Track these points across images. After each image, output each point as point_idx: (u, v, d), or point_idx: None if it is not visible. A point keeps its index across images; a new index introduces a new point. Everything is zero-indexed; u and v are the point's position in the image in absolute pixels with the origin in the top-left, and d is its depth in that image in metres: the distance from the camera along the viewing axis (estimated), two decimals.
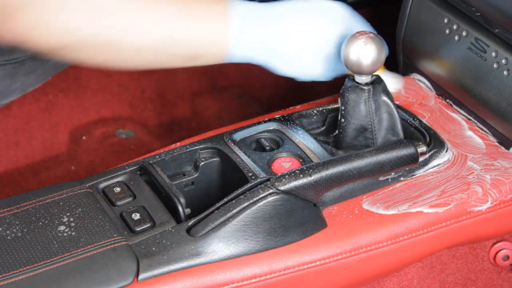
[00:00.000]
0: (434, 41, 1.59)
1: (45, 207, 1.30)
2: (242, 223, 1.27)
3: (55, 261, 1.21)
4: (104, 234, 1.25)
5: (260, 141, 1.42)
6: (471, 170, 1.42)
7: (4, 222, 1.27)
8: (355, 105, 1.40)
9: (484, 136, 1.50)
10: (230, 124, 1.51)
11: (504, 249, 1.48)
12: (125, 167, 1.38)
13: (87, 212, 1.29)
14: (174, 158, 1.39)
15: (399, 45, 1.68)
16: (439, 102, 1.59)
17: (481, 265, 1.49)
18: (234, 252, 1.27)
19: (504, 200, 1.39)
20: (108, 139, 2.05)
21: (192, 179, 1.40)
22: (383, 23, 1.39)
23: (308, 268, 1.30)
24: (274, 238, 1.29)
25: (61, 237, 1.25)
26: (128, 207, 1.31)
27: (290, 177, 1.29)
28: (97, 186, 1.35)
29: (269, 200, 1.28)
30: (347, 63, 1.38)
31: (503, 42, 1.46)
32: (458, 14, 1.55)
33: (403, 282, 1.45)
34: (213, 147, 1.40)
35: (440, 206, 1.36)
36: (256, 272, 1.27)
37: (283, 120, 1.46)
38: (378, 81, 1.40)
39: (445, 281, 1.47)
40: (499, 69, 1.46)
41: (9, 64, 1.62)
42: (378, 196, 1.37)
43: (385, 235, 1.33)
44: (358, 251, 1.32)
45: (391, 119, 1.41)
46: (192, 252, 1.25)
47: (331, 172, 1.31)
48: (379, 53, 1.37)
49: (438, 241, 1.38)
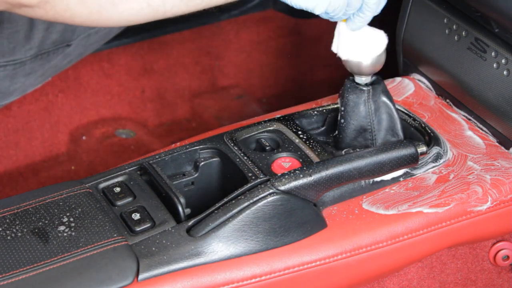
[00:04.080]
0: (434, 41, 1.59)
1: (45, 207, 1.30)
2: (242, 223, 1.27)
3: (55, 261, 1.21)
4: (104, 234, 1.25)
5: (260, 141, 1.42)
6: (471, 170, 1.42)
7: (4, 222, 1.27)
8: (354, 105, 1.40)
9: (484, 136, 1.50)
10: (230, 124, 1.51)
11: (504, 249, 1.48)
12: (125, 167, 1.38)
13: (87, 212, 1.29)
14: (174, 158, 1.39)
15: (399, 45, 1.68)
16: (439, 102, 1.59)
17: (481, 265, 1.49)
18: (234, 252, 1.27)
19: (504, 200, 1.40)
20: (108, 139, 2.05)
21: (192, 179, 1.40)
22: (383, 23, 1.39)
23: (308, 268, 1.30)
24: (274, 238, 1.29)
25: (61, 237, 1.25)
26: (128, 207, 1.31)
27: (290, 177, 1.29)
28: (97, 186, 1.35)
29: (269, 200, 1.28)
30: (347, 64, 1.38)
31: (503, 42, 1.46)
32: (458, 14, 1.55)
33: (403, 282, 1.45)
34: (213, 147, 1.40)
35: (440, 206, 1.36)
36: (256, 272, 1.27)
37: (283, 120, 1.46)
38: (377, 82, 1.40)
39: (445, 281, 1.47)
40: (499, 69, 1.46)
41: (9, 65, 1.62)
42: (378, 196, 1.37)
43: (385, 235, 1.34)
44: (358, 251, 1.32)
45: (390, 120, 1.41)
46: (192, 252, 1.25)
47: (331, 172, 1.31)
48: (380, 54, 1.37)
49: (438, 241, 1.38)
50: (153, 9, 1.20)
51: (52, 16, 1.20)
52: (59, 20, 1.21)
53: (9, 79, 1.64)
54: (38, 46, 1.63)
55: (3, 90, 1.66)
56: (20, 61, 1.63)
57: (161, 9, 1.21)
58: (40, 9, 1.18)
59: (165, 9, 1.21)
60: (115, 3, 1.18)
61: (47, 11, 1.19)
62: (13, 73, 1.63)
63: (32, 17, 1.21)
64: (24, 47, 1.61)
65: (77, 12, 1.18)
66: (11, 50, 1.60)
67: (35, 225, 1.27)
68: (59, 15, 1.20)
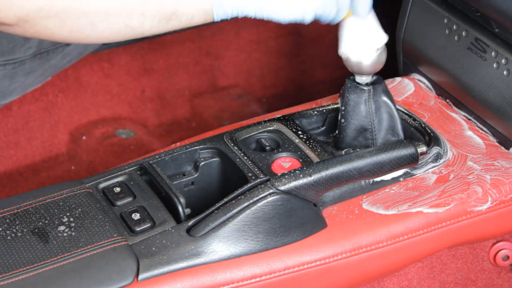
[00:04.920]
0: (434, 41, 1.59)
1: (45, 207, 1.30)
2: (242, 223, 1.27)
3: (55, 261, 1.21)
4: (104, 234, 1.25)
5: (260, 141, 1.42)
6: (471, 170, 1.42)
7: (4, 222, 1.27)
8: (355, 105, 1.40)
9: (484, 136, 1.50)
10: (230, 124, 1.51)
11: (504, 249, 1.48)
12: (125, 167, 1.38)
13: (87, 212, 1.29)
14: (174, 158, 1.39)
15: (399, 45, 1.68)
16: (439, 102, 1.59)
17: (481, 265, 1.49)
18: (234, 252, 1.27)
19: (504, 200, 1.39)
20: (108, 139, 2.05)
21: (192, 179, 1.40)
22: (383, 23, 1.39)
23: (308, 268, 1.30)
24: (274, 238, 1.29)
25: (61, 237, 1.25)
26: (128, 207, 1.31)
27: (290, 177, 1.29)
28: (97, 186, 1.35)
29: (269, 200, 1.28)
30: (348, 63, 1.38)
31: (503, 42, 1.46)
32: (458, 14, 1.55)
33: (403, 282, 1.45)
34: (213, 147, 1.40)
35: (440, 206, 1.36)
36: (256, 272, 1.27)
37: (283, 120, 1.46)
38: (378, 81, 1.40)
39: (445, 281, 1.47)
40: (499, 69, 1.46)
41: (9, 64, 1.62)
42: (378, 196, 1.37)
43: (385, 235, 1.33)
44: (358, 251, 1.32)
45: (391, 120, 1.41)
46: (192, 252, 1.25)
47: (331, 172, 1.31)
48: (380, 54, 1.37)
49: (438, 241, 1.38)
50: (131, 29, 1.22)
51: (32, 34, 1.22)
52: (39, 37, 1.24)
53: (9, 78, 1.64)
54: (38, 45, 1.63)
55: (3, 90, 1.66)
56: (19, 60, 1.63)
57: (139, 30, 1.23)
58: (20, 27, 1.20)
59: (143, 30, 1.23)
60: (94, 23, 1.20)
61: (26, 29, 1.20)
62: (13, 72, 1.63)
63: (12, 33, 1.23)
64: (23, 46, 1.61)
65: (56, 32, 1.20)
66: (11, 49, 1.60)
67: (35, 225, 1.27)
68: (39, 33, 1.21)
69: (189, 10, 1.22)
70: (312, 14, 1.26)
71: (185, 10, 1.22)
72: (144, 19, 1.21)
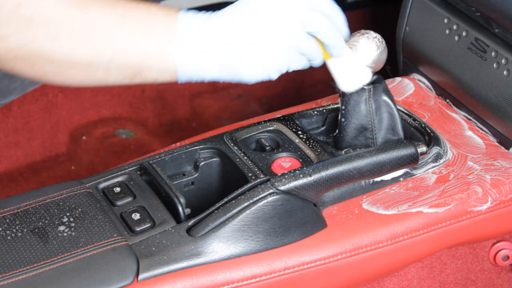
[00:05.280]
0: (434, 41, 1.59)
1: (45, 207, 1.30)
2: (242, 223, 1.27)
3: (55, 261, 1.21)
4: (104, 234, 1.25)
5: (260, 141, 1.42)
6: (471, 170, 1.42)
7: (4, 222, 1.27)
8: (355, 104, 1.40)
9: (484, 136, 1.50)
10: (230, 124, 1.51)
11: (504, 249, 1.48)
12: (125, 167, 1.38)
13: (87, 212, 1.29)
14: (174, 158, 1.39)
15: (399, 45, 1.68)
16: (439, 102, 1.59)
17: (481, 265, 1.49)
18: (234, 252, 1.27)
19: (504, 200, 1.39)
20: (108, 139, 2.05)
21: (192, 179, 1.40)
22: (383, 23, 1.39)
23: (308, 268, 1.30)
24: (274, 238, 1.29)
25: (61, 237, 1.25)
26: (128, 207, 1.31)
27: (290, 177, 1.29)
28: (97, 186, 1.35)
29: (269, 200, 1.28)
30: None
31: (503, 42, 1.46)
32: (458, 14, 1.55)
33: (403, 282, 1.45)
34: (213, 147, 1.40)
35: (440, 206, 1.36)
36: (256, 272, 1.27)
37: (283, 120, 1.46)
38: (378, 81, 1.40)
39: (445, 281, 1.47)
40: (499, 69, 1.46)
41: None
42: (378, 196, 1.37)
43: (385, 235, 1.33)
44: (358, 251, 1.32)
45: (391, 119, 1.41)
46: (192, 252, 1.25)
47: (331, 172, 1.31)
48: (380, 53, 1.37)
49: (438, 241, 1.38)
50: (97, 80, 1.25)
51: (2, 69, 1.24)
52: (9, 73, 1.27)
53: (8, 78, 1.64)
54: None
55: (3, 89, 1.66)
56: None
57: (104, 82, 1.25)
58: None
59: (108, 82, 1.25)
60: (60, 71, 1.22)
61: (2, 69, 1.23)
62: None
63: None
64: None
65: (24, 72, 1.23)
66: None
67: (35, 225, 1.27)
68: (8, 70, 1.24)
69: (153, 71, 1.23)
70: (276, 72, 1.26)
71: (149, 72, 1.23)
72: (109, 74, 1.23)
